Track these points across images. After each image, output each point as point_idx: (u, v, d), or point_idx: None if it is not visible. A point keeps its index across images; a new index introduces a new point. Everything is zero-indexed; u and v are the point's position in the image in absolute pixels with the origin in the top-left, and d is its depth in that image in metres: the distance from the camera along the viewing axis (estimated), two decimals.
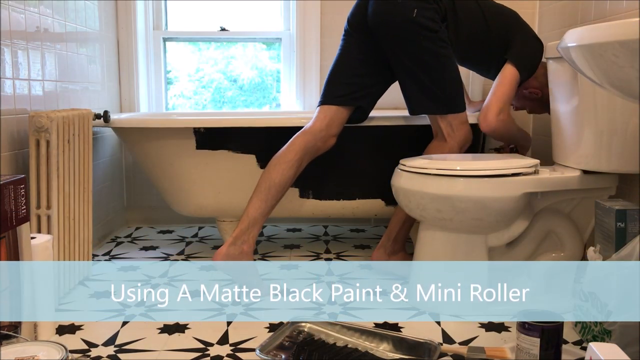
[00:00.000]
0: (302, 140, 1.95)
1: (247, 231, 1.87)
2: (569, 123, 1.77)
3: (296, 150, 1.93)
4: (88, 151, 1.96)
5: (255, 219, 1.88)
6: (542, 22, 2.53)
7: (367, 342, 1.50)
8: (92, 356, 1.46)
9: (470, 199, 1.62)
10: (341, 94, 2.00)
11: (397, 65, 1.97)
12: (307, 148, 1.95)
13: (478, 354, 1.43)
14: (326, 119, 1.98)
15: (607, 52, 0.95)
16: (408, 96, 2.00)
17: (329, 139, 1.98)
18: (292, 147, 1.94)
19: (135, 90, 2.73)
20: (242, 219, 1.89)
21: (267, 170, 1.93)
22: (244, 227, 1.87)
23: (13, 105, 1.73)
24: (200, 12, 2.86)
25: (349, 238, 2.62)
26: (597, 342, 1.18)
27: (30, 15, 1.84)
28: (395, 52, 1.94)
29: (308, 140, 1.95)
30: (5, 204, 1.37)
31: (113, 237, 2.61)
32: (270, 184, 1.90)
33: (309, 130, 1.97)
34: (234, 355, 1.46)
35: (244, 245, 1.86)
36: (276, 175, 1.91)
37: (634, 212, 1.47)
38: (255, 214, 1.88)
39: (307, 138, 1.96)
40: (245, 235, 1.87)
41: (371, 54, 2.00)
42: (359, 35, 2.01)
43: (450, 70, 1.96)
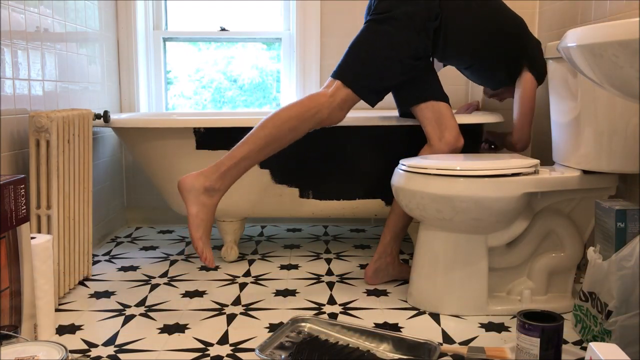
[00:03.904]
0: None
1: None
2: (569, 123, 1.77)
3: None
4: (88, 151, 1.96)
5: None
6: (542, 22, 2.53)
7: (367, 342, 1.50)
8: (92, 356, 1.46)
9: (471, 199, 1.62)
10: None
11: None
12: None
13: (478, 354, 1.43)
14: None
15: (607, 52, 0.95)
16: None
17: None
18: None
19: (135, 90, 2.74)
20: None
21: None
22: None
23: (13, 105, 1.73)
24: (200, 12, 2.86)
25: (349, 238, 2.63)
26: (597, 342, 1.18)
27: (30, 15, 1.84)
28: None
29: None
30: (5, 204, 1.37)
31: (113, 237, 2.61)
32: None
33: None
34: (234, 355, 1.46)
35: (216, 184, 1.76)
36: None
37: (634, 212, 1.47)
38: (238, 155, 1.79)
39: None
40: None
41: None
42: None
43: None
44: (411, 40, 1.89)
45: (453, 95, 2.73)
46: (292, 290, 1.93)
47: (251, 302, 1.82)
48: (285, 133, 1.80)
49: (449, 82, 2.71)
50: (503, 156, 1.86)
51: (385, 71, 1.91)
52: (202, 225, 1.71)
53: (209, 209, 1.73)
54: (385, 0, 1.91)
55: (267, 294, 1.89)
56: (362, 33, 1.93)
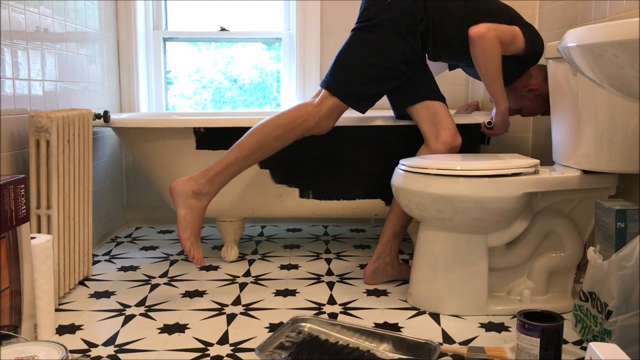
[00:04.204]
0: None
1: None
2: (569, 123, 1.77)
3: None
4: (88, 151, 1.97)
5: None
6: (542, 22, 2.53)
7: (367, 342, 1.50)
8: (92, 356, 1.46)
9: (471, 199, 1.62)
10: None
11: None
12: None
13: (478, 354, 1.43)
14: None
15: (607, 52, 0.95)
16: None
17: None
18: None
19: (135, 90, 2.74)
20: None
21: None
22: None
23: (13, 105, 1.73)
24: (200, 12, 2.86)
25: (349, 238, 2.63)
26: (597, 342, 1.18)
27: (30, 15, 1.84)
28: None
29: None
30: (5, 204, 1.37)
31: (113, 237, 2.61)
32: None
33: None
34: (234, 355, 1.46)
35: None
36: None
37: (634, 212, 1.47)
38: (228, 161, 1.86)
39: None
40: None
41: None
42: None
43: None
44: (397, 45, 1.90)
45: (453, 95, 2.73)
46: (292, 290, 1.93)
47: (251, 302, 1.82)
48: (272, 141, 1.87)
49: (449, 82, 2.72)
50: (503, 156, 1.86)
51: (372, 78, 1.92)
52: (189, 227, 1.81)
53: (197, 212, 1.83)
54: (370, 8, 1.92)
55: (267, 294, 1.89)
56: (348, 42, 1.95)
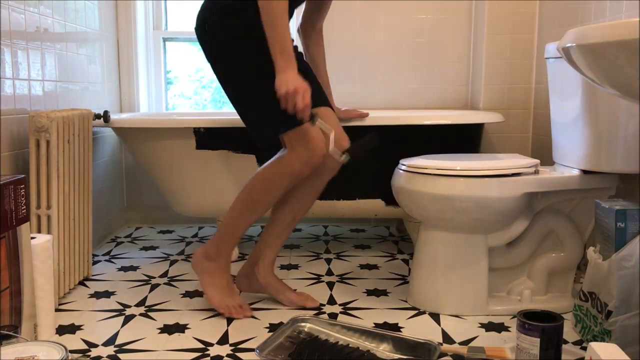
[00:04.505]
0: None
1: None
2: (569, 123, 1.77)
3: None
4: (88, 151, 1.97)
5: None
6: (542, 22, 2.53)
7: (367, 342, 1.50)
8: (92, 356, 1.46)
9: (471, 199, 1.62)
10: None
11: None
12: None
13: (478, 354, 1.43)
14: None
15: (607, 52, 0.95)
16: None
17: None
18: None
19: (135, 90, 2.74)
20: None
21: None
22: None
23: (13, 105, 1.73)
24: None
25: (349, 238, 2.63)
26: (597, 342, 1.18)
27: (30, 15, 1.84)
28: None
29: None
30: (5, 204, 1.37)
31: (113, 237, 2.61)
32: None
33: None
34: (234, 355, 1.46)
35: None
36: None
37: (634, 212, 1.47)
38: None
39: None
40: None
41: None
42: None
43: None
44: (245, 65, 1.68)
45: (453, 95, 2.73)
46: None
47: (251, 302, 1.81)
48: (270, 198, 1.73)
49: (448, 82, 2.72)
50: (503, 156, 1.86)
51: (267, 100, 1.63)
52: (215, 289, 1.71)
53: (214, 271, 1.72)
54: (211, 61, 1.78)
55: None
56: (231, 98, 1.75)
